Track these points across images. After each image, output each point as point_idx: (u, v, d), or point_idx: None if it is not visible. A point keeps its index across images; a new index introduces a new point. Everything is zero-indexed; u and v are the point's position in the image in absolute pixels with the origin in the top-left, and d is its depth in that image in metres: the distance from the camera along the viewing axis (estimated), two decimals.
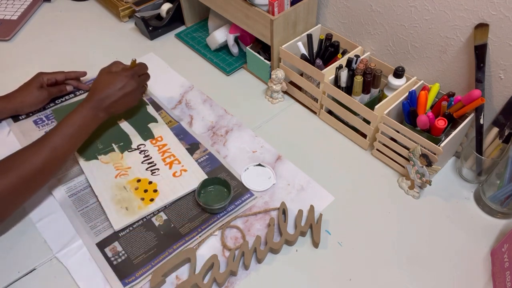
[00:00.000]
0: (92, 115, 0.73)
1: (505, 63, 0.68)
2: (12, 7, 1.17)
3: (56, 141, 0.69)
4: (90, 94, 0.75)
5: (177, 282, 0.64)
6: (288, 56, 0.87)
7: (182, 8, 1.10)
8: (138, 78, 0.80)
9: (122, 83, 0.76)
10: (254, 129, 0.87)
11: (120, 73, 0.77)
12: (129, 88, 0.77)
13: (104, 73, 0.78)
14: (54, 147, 0.68)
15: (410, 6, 0.75)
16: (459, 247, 0.68)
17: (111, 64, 0.81)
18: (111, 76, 0.77)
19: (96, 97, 0.74)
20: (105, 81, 0.76)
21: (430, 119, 0.70)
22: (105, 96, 0.74)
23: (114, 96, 0.75)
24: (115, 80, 0.76)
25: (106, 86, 0.75)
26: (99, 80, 0.77)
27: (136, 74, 0.79)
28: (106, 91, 0.75)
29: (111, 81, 0.76)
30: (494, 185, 0.71)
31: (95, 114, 0.74)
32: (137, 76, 0.80)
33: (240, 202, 0.74)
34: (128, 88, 0.77)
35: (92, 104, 0.73)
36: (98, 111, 0.74)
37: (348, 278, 0.65)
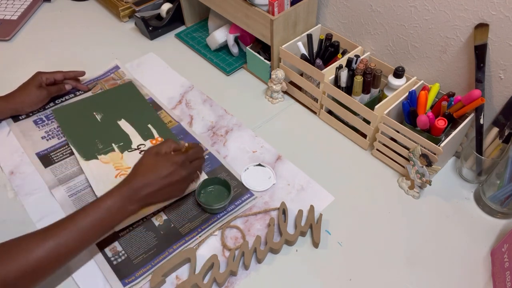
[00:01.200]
0: (120, 207, 0.61)
1: (505, 63, 0.68)
2: (12, 7, 1.17)
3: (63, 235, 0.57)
4: (128, 177, 0.63)
5: (177, 282, 0.64)
6: (288, 56, 0.87)
7: (182, 8, 1.10)
8: (189, 165, 0.66)
9: (168, 170, 0.62)
10: (254, 129, 0.87)
11: (170, 157, 0.64)
12: (175, 177, 0.63)
13: (151, 155, 0.65)
14: (59, 242, 0.56)
15: (410, 6, 0.75)
16: (459, 247, 0.68)
17: (162, 143, 0.67)
18: (157, 159, 0.64)
19: (133, 184, 0.61)
20: (148, 164, 0.63)
21: (430, 119, 0.70)
22: (145, 184, 0.62)
23: (156, 185, 0.62)
24: (161, 165, 0.63)
25: (148, 171, 0.62)
26: (142, 163, 0.64)
27: (188, 160, 0.66)
28: (146, 178, 0.62)
29: (156, 165, 0.63)
30: (494, 185, 0.71)
31: (125, 207, 0.61)
32: (188, 162, 0.66)
33: (240, 202, 0.74)
34: (175, 177, 0.63)
35: (126, 193, 0.61)
36: (130, 203, 0.61)
37: (348, 278, 0.65)
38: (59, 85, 0.90)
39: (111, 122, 0.86)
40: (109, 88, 0.95)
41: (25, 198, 0.74)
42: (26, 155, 0.81)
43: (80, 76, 0.94)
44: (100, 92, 0.94)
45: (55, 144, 0.83)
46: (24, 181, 0.77)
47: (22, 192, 0.75)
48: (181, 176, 0.64)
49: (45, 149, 0.82)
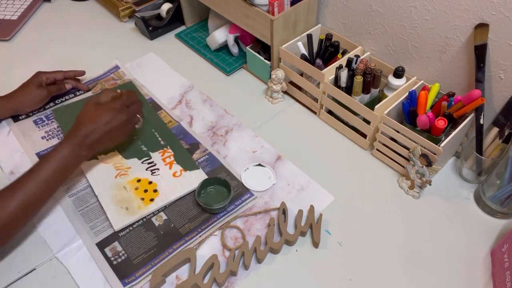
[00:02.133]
0: (73, 155, 0.67)
1: (505, 63, 0.68)
2: (12, 7, 1.17)
3: (30, 187, 0.63)
4: (72, 128, 0.69)
5: (177, 282, 0.64)
6: (288, 56, 0.87)
7: (182, 8, 1.10)
8: (127, 109, 0.72)
9: (109, 117, 0.69)
10: (254, 129, 0.87)
11: (107, 105, 0.70)
12: (116, 122, 0.70)
13: (91, 104, 0.71)
14: (27, 194, 0.62)
15: (410, 6, 0.75)
16: (459, 247, 0.68)
17: (100, 93, 0.73)
18: (98, 108, 0.70)
19: (79, 133, 0.67)
20: (90, 114, 0.69)
21: (430, 119, 0.70)
22: (90, 131, 0.68)
23: (100, 131, 0.68)
24: (102, 113, 0.69)
25: (91, 120, 0.68)
26: (84, 113, 0.70)
27: (124, 104, 0.72)
28: (90, 126, 0.68)
29: (97, 114, 0.69)
30: (494, 185, 0.71)
31: (77, 154, 0.67)
32: (125, 107, 0.72)
33: (240, 202, 0.74)
34: (116, 122, 0.70)
35: (74, 140, 0.67)
36: (81, 149, 0.68)
37: (348, 278, 0.65)
38: (59, 84, 0.90)
39: None
40: (109, 88, 0.95)
41: None
42: (26, 155, 0.81)
43: (80, 75, 0.94)
44: (100, 92, 0.94)
45: (55, 144, 0.83)
46: None
47: None
48: (121, 120, 0.70)
49: (45, 149, 0.82)
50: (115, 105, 0.70)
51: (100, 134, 0.68)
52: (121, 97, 0.73)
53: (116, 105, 0.70)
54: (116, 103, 0.71)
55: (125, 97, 0.73)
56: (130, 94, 0.75)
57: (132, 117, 0.74)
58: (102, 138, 0.69)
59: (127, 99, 0.73)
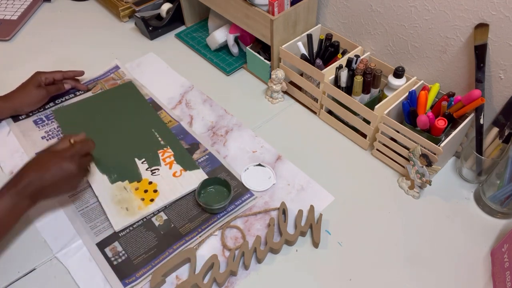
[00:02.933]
0: (11, 206, 0.61)
1: (505, 63, 0.68)
2: (12, 7, 1.17)
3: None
4: (14, 176, 0.63)
5: (177, 282, 0.64)
6: (288, 56, 0.87)
7: (182, 8, 1.10)
8: (78, 160, 0.66)
9: (56, 166, 0.63)
10: (254, 129, 0.87)
11: (56, 153, 0.65)
12: (63, 172, 0.63)
13: (42, 152, 0.67)
14: None
15: (410, 6, 0.75)
16: (459, 247, 0.68)
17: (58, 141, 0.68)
18: (44, 156, 0.65)
19: (20, 182, 0.61)
20: (37, 160, 0.64)
21: (430, 119, 0.70)
22: (32, 180, 0.62)
23: (42, 180, 0.62)
24: (49, 161, 0.64)
25: (36, 168, 0.63)
26: (34, 159, 0.65)
27: (76, 154, 0.66)
28: (34, 174, 0.62)
29: (45, 162, 0.64)
30: (494, 185, 0.71)
31: (17, 204, 0.61)
32: (77, 157, 0.66)
33: (240, 202, 0.74)
34: (63, 172, 0.63)
35: (14, 190, 0.61)
36: (22, 198, 0.61)
37: (348, 278, 0.65)
38: (58, 84, 0.90)
39: (113, 128, 0.86)
40: (109, 88, 0.95)
41: None
42: (26, 155, 0.81)
43: (79, 75, 0.94)
44: (100, 92, 0.94)
45: None
46: None
47: None
48: (69, 170, 0.64)
49: None
50: (65, 154, 0.65)
51: (43, 183, 0.62)
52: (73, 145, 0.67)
53: (67, 154, 0.65)
54: (67, 151, 0.65)
55: (78, 145, 0.67)
56: (84, 144, 0.69)
57: (82, 169, 0.68)
58: (46, 187, 0.63)
59: (81, 149, 0.68)
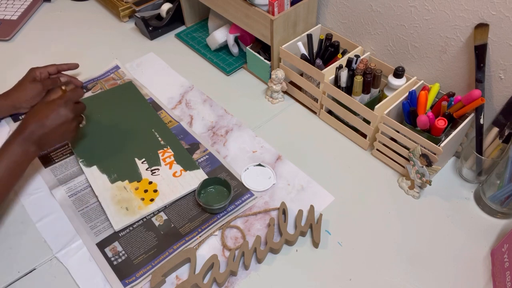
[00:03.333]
0: (22, 151, 0.67)
1: (505, 63, 0.68)
2: (12, 7, 1.17)
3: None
4: (19, 126, 0.69)
5: (177, 282, 0.64)
6: (288, 56, 0.87)
7: (182, 8, 1.10)
8: (72, 106, 0.72)
9: (54, 112, 0.69)
10: (254, 129, 0.87)
11: (54, 101, 0.71)
12: (61, 118, 0.70)
13: (39, 103, 0.74)
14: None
15: (410, 6, 0.75)
16: (459, 247, 0.68)
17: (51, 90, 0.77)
18: (44, 105, 0.71)
19: (25, 129, 0.68)
20: (36, 111, 0.70)
21: (430, 119, 0.70)
22: (34, 128, 0.68)
23: (46, 127, 0.68)
24: (47, 109, 0.69)
25: (37, 116, 0.69)
26: (31, 111, 0.71)
27: (69, 101, 0.72)
28: (36, 122, 0.68)
29: (43, 110, 0.69)
30: (494, 185, 0.71)
31: (25, 150, 0.67)
32: (71, 103, 0.72)
33: (240, 202, 0.74)
34: (61, 118, 0.70)
35: (21, 137, 0.67)
36: (28, 145, 0.68)
37: (348, 278, 0.65)
38: (53, 78, 0.90)
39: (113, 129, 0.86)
40: (109, 88, 0.95)
41: (25, 198, 0.74)
42: None
43: (73, 68, 0.94)
44: (100, 92, 0.94)
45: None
46: (24, 181, 0.77)
47: (22, 192, 0.75)
48: (66, 116, 0.70)
49: None
50: (60, 101, 0.70)
51: (46, 129, 0.68)
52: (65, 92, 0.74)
53: (61, 102, 0.70)
54: (60, 99, 0.71)
55: (69, 93, 0.73)
56: (74, 91, 0.74)
57: (76, 115, 0.73)
58: (48, 134, 0.69)
59: (72, 95, 0.73)
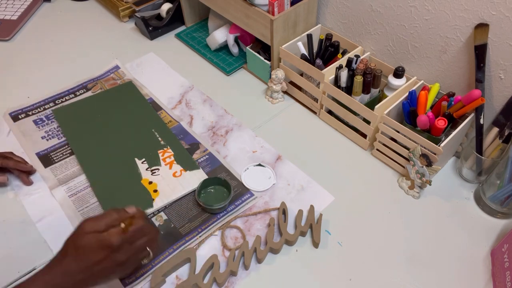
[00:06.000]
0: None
1: (505, 63, 0.68)
2: (12, 7, 1.17)
3: None
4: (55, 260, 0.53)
5: (177, 282, 0.64)
6: (288, 56, 0.87)
7: (182, 8, 1.10)
8: (129, 247, 0.55)
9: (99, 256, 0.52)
10: (254, 129, 0.87)
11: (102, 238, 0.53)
12: (109, 263, 0.53)
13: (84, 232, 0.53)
14: None
15: (410, 6, 0.75)
16: (459, 247, 0.68)
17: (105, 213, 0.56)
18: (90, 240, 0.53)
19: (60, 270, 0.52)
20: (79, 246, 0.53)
21: (430, 119, 0.70)
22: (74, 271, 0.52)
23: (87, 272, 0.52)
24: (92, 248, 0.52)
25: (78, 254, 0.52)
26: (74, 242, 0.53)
27: (127, 241, 0.55)
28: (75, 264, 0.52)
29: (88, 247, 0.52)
30: (494, 185, 0.71)
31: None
32: (128, 244, 0.55)
33: (240, 202, 0.74)
34: (109, 263, 0.53)
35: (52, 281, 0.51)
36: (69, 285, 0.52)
37: (348, 278, 0.65)
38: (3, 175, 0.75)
39: (113, 129, 0.86)
40: (109, 88, 0.95)
41: (25, 198, 0.74)
42: (26, 155, 0.81)
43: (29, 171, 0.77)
44: (100, 92, 0.94)
45: (55, 144, 0.83)
46: None
47: (22, 192, 0.75)
48: (116, 262, 0.54)
49: (45, 149, 0.82)
50: (112, 240, 0.53)
51: (87, 275, 0.52)
52: (125, 228, 0.55)
53: (114, 241, 0.53)
54: (114, 237, 0.53)
55: (132, 230, 0.55)
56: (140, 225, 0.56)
57: (136, 254, 0.57)
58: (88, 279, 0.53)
59: (133, 235, 0.55)
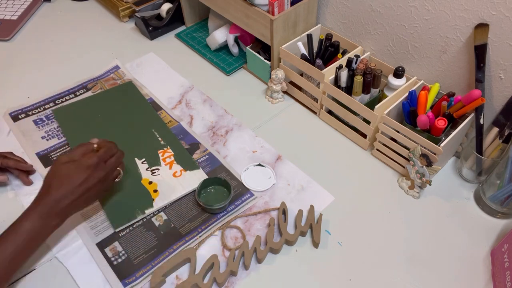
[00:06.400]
0: (40, 226, 0.58)
1: (505, 63, 0.68)
2: (12, 7, 1.17)
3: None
4: (41, 193, 0.59)
5: (177, 282, 0.64)
6: (288, 56, 0.87)
7: (182, 8, 1.10)
8: (104, 165, 0.63)
9: (83, 176, 0.60)
10: (254, 129, 0.87)
11: (81, 162, 0.61)
12: (92, 181, 0.61)
13: (61, 164, 0.61)
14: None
15: (410, 6, 0.75)
16: (459, 247, 0.68)
17: (73, 149, 0.63)
18: (69, 167, 0.60)
19: (48, 199, 0.58)
20: (61, 175, 0.60)
21: (430, 119, 0.70)
22: (61, 196, 0.59)
23: (74, 194, 0.59)
24: (75, 173, 0.60)
25: (62, 182, 0.59)
26: (55, 174, 0.60)
27: (101, 160, 0.62)
28: (61, 190, 0.59)
29: (69, 174, 0.59)
30: (494, 185, 0.71)
31: (46, 223, 0.59)
32: (103, 162, 0.63)
33: (240, 202, 0.74)
34: (92, 181, 0.61)
35: (43, 209, 0.58)
36: (51, 217, 0.59)
37: (348, 278, 0.65)
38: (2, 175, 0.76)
39: (113, 128, 0.86)
40: (109, 88, 0.95)
41: (25, 198, 0.74)
42: (26, 155, 0.81)
43: (29, 171, 0.78)
44: (100, 92, 0.94)
45: (55, 144, 0.83)
46: None
47: (22, 192, 0.75)
48: (98, 178, 0.61)
49: (45, 149, 0.82)
50: (90, 162, 0.61)
51: (74, 197, 0.59)
52: (97, 151, 0.63)
53: (92, 161, 0.61)
54: (91, 158, 0.61)
55: (102, 150, 0.63)
56: (108, 145, 0.65)
57: (111, 171, 0.65)
58: (75, 201, 0.60)
59: (105, 153, 0.64)
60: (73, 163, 0.61)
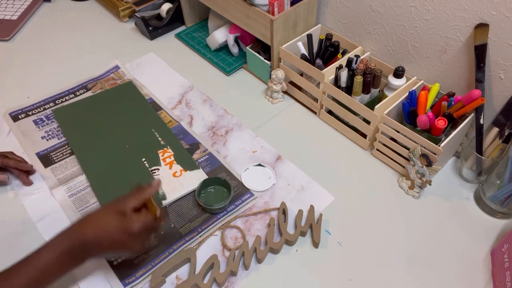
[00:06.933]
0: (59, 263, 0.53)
1: (505, 63, 0.68)
2: (12, 7, 1.17)
3: None
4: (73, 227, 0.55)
5: (177, 282, 0.64)
6: (288, 56, 0.87)
7: (182, 8, 1.10)
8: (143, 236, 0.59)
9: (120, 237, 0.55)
10: (254, 129, 0.87)
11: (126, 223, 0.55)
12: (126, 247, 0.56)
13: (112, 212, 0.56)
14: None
15: (410, 6, 0.75)
16: (459, 247, 0.68)
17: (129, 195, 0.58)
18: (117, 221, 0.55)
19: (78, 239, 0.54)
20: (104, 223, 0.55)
21: (430, 119, 0.70)
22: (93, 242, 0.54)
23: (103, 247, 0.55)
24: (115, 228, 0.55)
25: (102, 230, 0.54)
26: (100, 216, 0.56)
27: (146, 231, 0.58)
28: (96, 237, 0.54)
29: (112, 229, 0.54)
30: (494, 185, 0.71)
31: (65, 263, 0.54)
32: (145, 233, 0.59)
33: (240, 202, 0.74)
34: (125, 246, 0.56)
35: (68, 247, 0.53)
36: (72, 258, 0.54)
37: (348, 278, 0.65)
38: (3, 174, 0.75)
39: (113, 128, 0.86)
40: (109, 88, 0.95)
41: (25, 198, 0.74)
42: (26, 155, 0.81)
43: (29, 171, 0.77)
44: (100, 92, 0.94)
45: (55, 144, 0.83)
46: None
47: (22, 192, 0.75)
48: (129, 246, 0.56)
49: (45, 149, 0.82)
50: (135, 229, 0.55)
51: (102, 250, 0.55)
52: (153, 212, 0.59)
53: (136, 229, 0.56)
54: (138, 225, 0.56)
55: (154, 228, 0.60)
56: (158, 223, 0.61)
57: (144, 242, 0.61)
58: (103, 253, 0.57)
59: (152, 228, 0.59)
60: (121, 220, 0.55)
